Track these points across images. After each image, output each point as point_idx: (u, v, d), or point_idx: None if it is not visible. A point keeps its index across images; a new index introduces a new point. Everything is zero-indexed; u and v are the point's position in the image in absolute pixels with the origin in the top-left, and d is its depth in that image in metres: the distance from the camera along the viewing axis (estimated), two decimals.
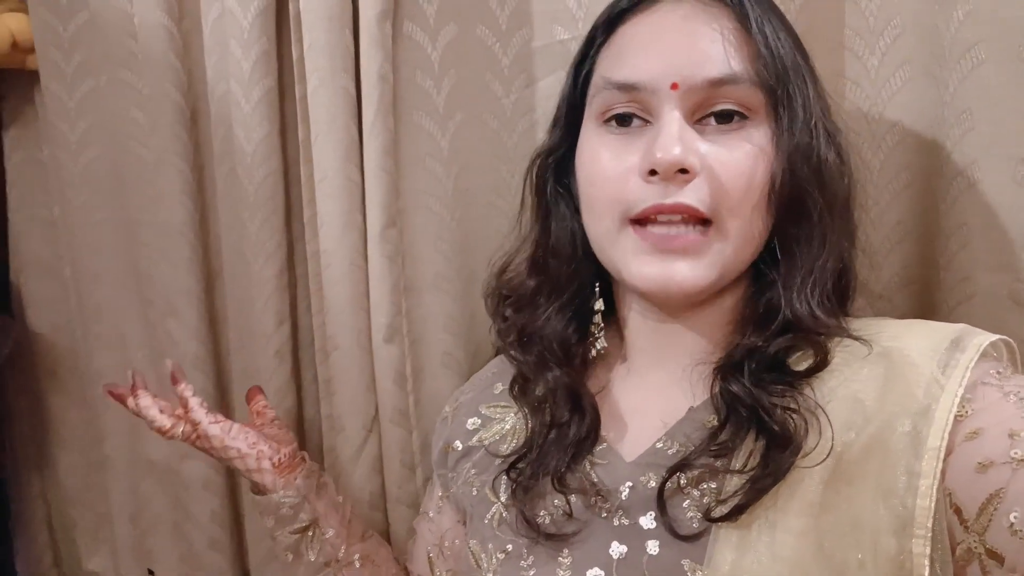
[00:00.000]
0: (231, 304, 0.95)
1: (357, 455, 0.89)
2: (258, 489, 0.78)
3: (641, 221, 0.59)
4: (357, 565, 0.78)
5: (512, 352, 0.70)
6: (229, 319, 0.96)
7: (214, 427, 0.77)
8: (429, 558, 0.77)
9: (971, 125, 0.67)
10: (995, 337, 0.55)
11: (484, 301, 0.75)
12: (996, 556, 0.48)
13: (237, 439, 0.77)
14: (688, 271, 0.57)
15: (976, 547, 0.49)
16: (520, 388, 0.69)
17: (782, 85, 0.57)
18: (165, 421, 0.78)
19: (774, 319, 0.58)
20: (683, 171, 0.56)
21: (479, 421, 0.72)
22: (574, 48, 0.69)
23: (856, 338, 0.57)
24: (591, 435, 0.64)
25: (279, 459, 0.77)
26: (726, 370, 0.58)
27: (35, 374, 1.10)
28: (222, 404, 1.00)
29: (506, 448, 0.68)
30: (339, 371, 0.87)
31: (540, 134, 0.83)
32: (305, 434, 0.96)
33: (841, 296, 0.63)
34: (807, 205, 0.57)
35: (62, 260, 1.05)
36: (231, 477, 1.02)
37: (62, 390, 1.10)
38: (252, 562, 1.00)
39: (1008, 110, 0.65)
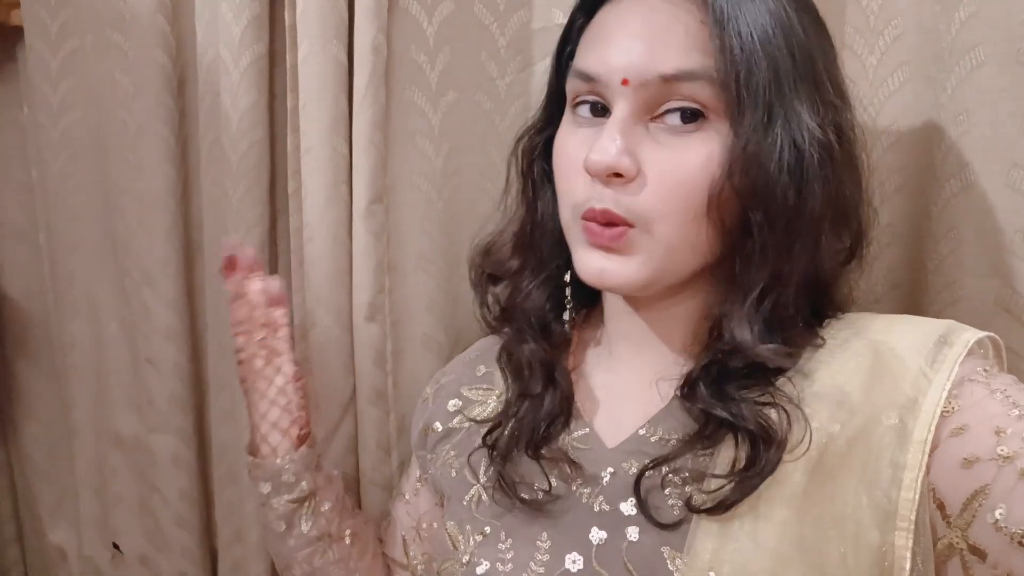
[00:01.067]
0: (210, 276, 0.93)
1: (332, 435, 0.88)
2: (257, 450, 0.75)
3: (585, 217, 0.58)
4: (347, 542, 0.76)
5: (495, 325, 0.71)
6: (207, 291, 0.94)
7: (288, 365, 0.75)
8: (404, 541, 0.76)
9: (967, 128, 0.67)
10: (982, 334, 0.55)
11: (469, 277, 0.74)
12: (978, 552, 0.48)
13: (286, 390, 0.75)
14: (619, 268, 0.57)
15: (958, 543, 0.49)
16: (507, 357, 0.69)
17: (743, 84, 0.53)
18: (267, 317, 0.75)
19: (726, 342, 0.57)
20: (617, 175, 0.55)
21: (460, 403, 0.72)
22: None
23: (801, 372, 0.56)
24: (564, 410, 0.64)
25: (300, 432, 0.75)
26: (687, 385, 0.59)
27: (3, 341, 1.08)
28: (196, 378, 0.98)
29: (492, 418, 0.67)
30: (317, 349, 0.86)
31: None
32: None
33: (823, 304, 0.61)
34: (750, 221, 0.54)
35: (37, 225, 1.03)
36: (201, 453, 1.00)
37: (30, 358, 1.08)
38: (220, 541, 0.98)
39: (1006, 113, 0.65)
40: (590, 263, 0.58)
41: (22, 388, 1.08)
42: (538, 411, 0.63)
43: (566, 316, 0.67)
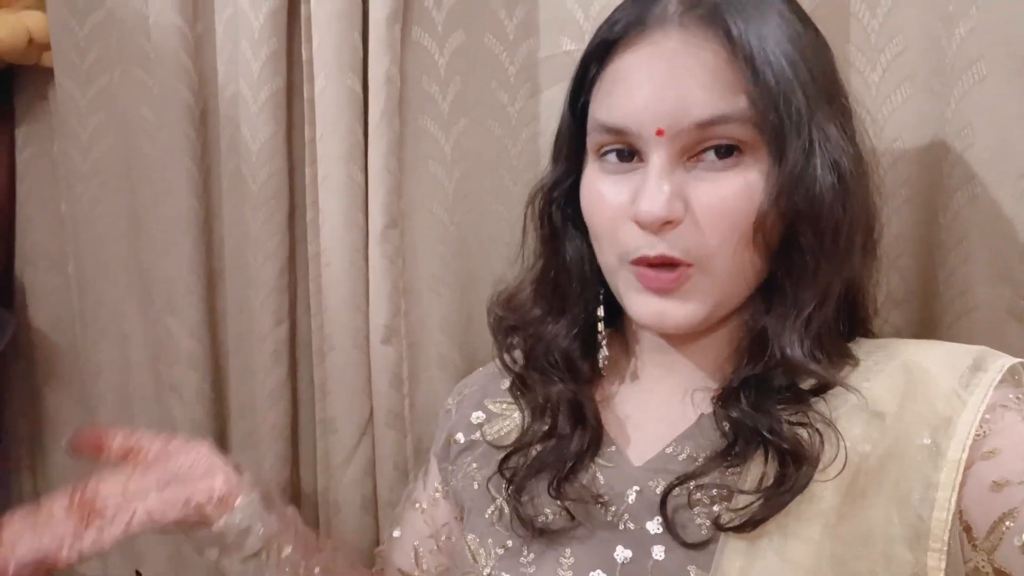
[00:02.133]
0: (231, 303, 0.96)
1: (350, 458, 0.89)
2: (188, 527, 0.61)
3: (636, 264, 0.59)
4: None
5: (514, 365, 0.69)
6: (228, 318, 0.96)
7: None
8: (416, 551, 0.75)
9: (972, 140, 0.68)
10: (1018, 361, 0.55)
11: (490, 327, 0.72)
12: (1003, 574, 0.48)
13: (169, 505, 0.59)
14: (678, 310, 0.57)
15: (984, 566, 0.48)
16: (520, 389, 0.68)
17: (773, 117, 0.54)
18: None
19: (768, 357, 0.57)
20: (668, 221, 0.55)
21: (484, 415, 0.71)
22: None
23: (848, 387, 0.55)
24: (592, 449, 0.63)
25: (215, 496, 0.61)
26: (725, 397, 0.58)
27: (32, 369, 1.11)
28: (218, 403, 1.00)
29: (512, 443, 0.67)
30: (335, 372, 0.87)
31: (543, 143, 0.84)
32: (299, 436, 0.96)
33: (855, 320, 0.63)
34: (798, 242, 0.55)
35: (66, 255, 1.06)
36: None
37: (59, 386, 1.10)
38: None
39: (1010, 125, 0.66)
40: (647, 308, 0.58)
41: (50, 416, 1.10)
42: (564, 451, 0.63)
43: (601, 357, 0.65)
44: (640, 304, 0.59)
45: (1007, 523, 0.47)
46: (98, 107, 0.99)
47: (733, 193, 0.55)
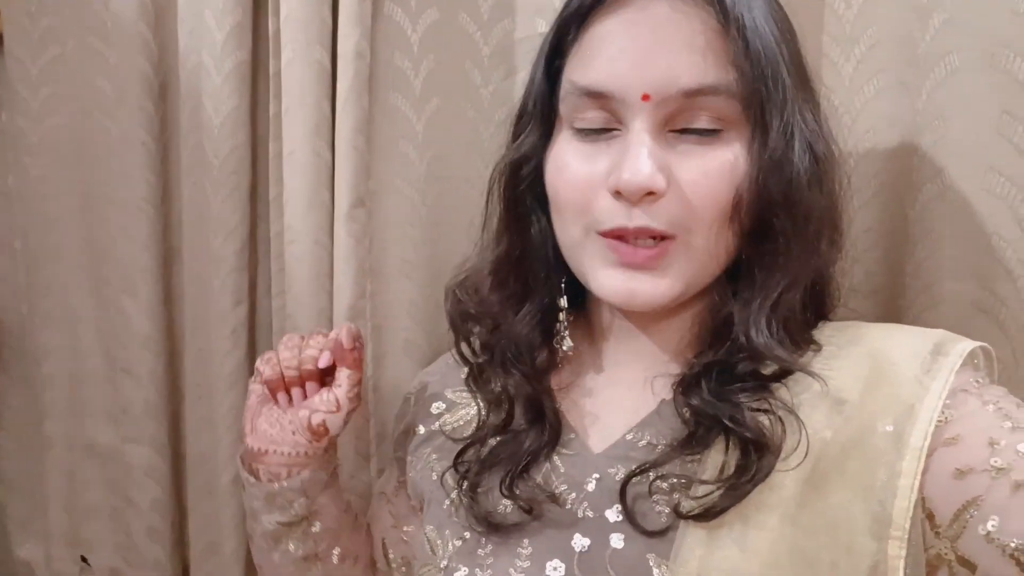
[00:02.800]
0: (189, 282, 0.93)
1: None
2: (255, 471, 0.71)
3: (606, 234, 0.57)
4: (335, 561, 0.73)
5: (472, 357, 0.68)
6: (185, 298, 0.93)
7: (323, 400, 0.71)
8: (384, 544, 0.74)
9: (943, 132, 0.68)
10: (977, 344, 0.55)
11: (448, 315, 0.70)
12: (968, 564, 0.47)
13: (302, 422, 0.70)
14: (651, 286, 0.56)
15: (947, 554, 0.48)
16: (475, 379, 0.67)
17: (760, 93, 0.54)
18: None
19: (733, 340, 0.57)
20: (650, 193, 0.54)
21: (444, 405, 0.70)
22: None
23: (811, 373, 0.55)
24: (549, 445, 0.62)
25: (300, 452, 0.70)
26: (686, 383, 0.58)
27: None
28: (173, 385, 0.96)
29: (468, 435, 0.66)
30: None
31: None
32: None
33: (819, 305, 0.62)
34: (772, 225, 0.55)
35: (12, 232, 1.01)
36: (176, 464, 0.98)
37: (4, 369, 1.05)
38: (193, 554, 0.96)
39: (981, 118, 0.66)
40: (615, 283, 0.57)
41: None
42: (519, 448, 0.61)
43: (565, 346, 0.64)
44: (609, 279, 0.57)
45: (971, 511, 0.47)
46: (50, 77, 0.95)
47: (717, 169, 0.54)
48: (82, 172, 0.95)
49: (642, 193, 0.54)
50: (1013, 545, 0.45)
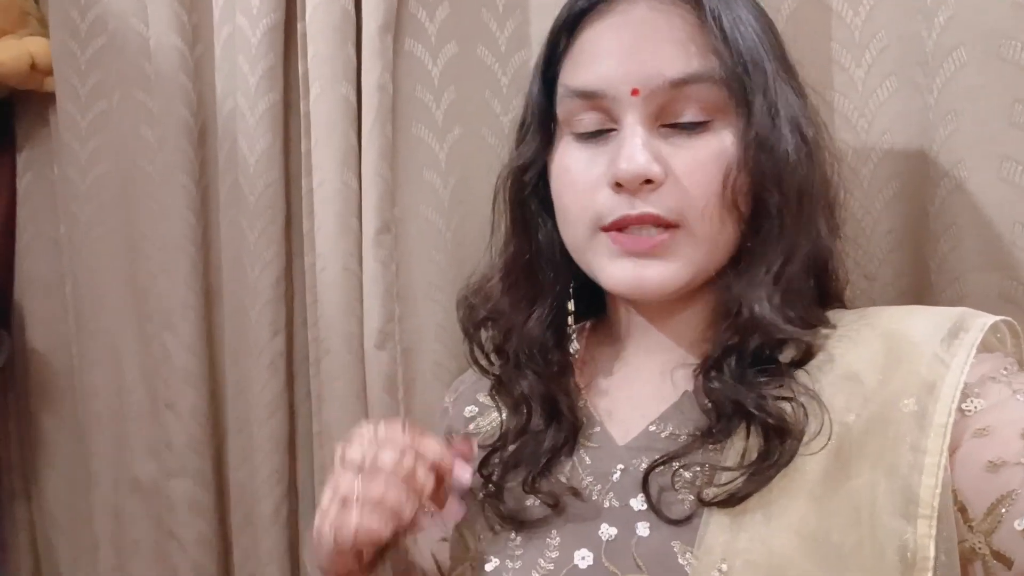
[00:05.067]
0: (227, 315, 0.96)
1: None
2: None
3: (611, 228, 0.59)
4: None
5: (488, 365, 0.69)
6: (225, 331, 0.96)
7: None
8: (435, 557, 0.73)
9: (956, 126, 0.68)
10: (998, 318, 0.54)
11: (460, 323, 0.71)
12: (1003, 559, 0.46)
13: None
14: (659, 273, 0.57)
15: (981, 548, 0.47)
16: (497, 389, 0.68)
17: (743, 79, 0.56)
18: None
19: (741, 320, 0.57)
20: (648, 181, 0.56)
21: (476, 409, 0.71)
22: None
23: (825, 348, 0.55)
24: (568, 442, 0.63)
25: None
26: (706, 370, 0.58)
27: (27, 394, 1.10)
28: (214, 419, 0.99)
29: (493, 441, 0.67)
30: (329, 378, 0.87)
31: None
32: (296, 448, 0.95)
33: (826, 289, 0.62)
34: (767, 203, 0.57)
35: (63, 278, 1.06)
36: (220, 499, 1.00)
37: (53, 410, 1.09)
38: None
39: (991, 108, 0.66)
40: (623, 273, 0.58)
41: (46, 442, 1.09)
42: (538, 448, 0.63)
43: (572, 348, 0.65)
44: (616, 269, 0.58)
45: (1005, 506, 0.46)
46: (97, 129, 1.01)
47: (709, 156, 0.56)
48: (126, 215, 1.00)
49: (640, 180, 0.56)
50: None
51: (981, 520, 0.47)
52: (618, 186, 0.57)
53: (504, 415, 0.66)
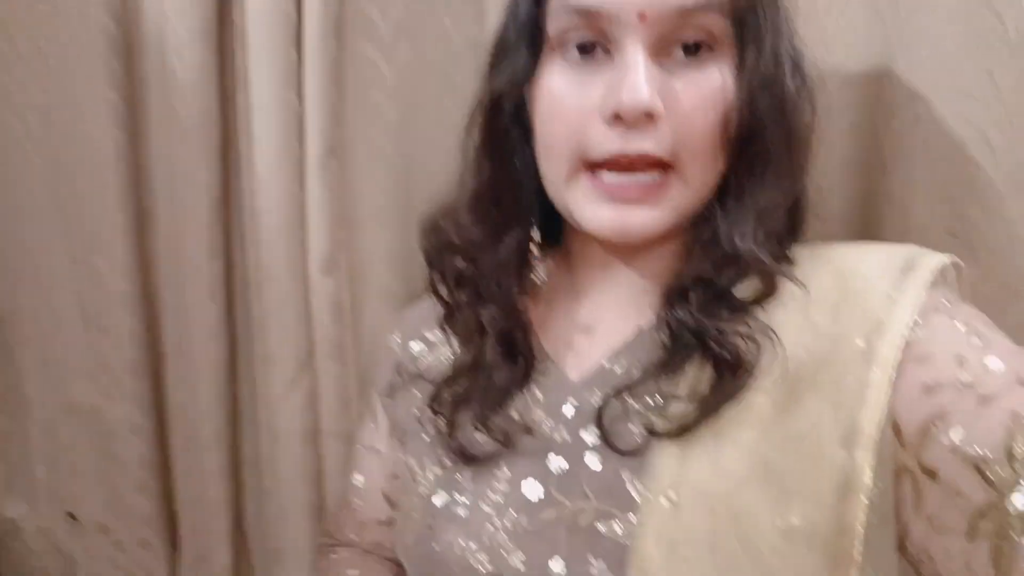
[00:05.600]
0: (162, 239, 0.92)
1: (290, 389, 0.87)
2: None
3: (598, 165, 0.56)
4: None
5: (447, 295, 0.67)
6: (160, 255, 0.93)
7: None
8: (387, 497, 0.74)
9: (917, 61, 0.68)
10: (947, 258, 0.55)
11: (423, 251, 0.69)
12: (930, 472, 0.48)
13: None
14: (644, 219, 0.56)
15: (911, 464, 0.49)
16: (449, 317, 0.67)
17: (753, 10, 0.54)
18: None
19: (719, 253, 0.57)
20: (649, 115, 0.53)
21: (423, 346, 0.70)
22: None
23: (794, 279, 0.55)
24: (522, 378, 0.62)
25: None
26: (673, 297, 0.58)
27: None
28: (152, 342, 0.96)
29: (443, 374, 0.66)
30: (273, 304, 0.85)
31: None
32: (238, 372, 0.94)
33: (793, 227, 0.62)
34: (765, 142, 0.55)
35: None
36: (160, 422, 0.98)
37: None
38: (179, 505, 0.97)
39: (953, 43, 0.65)
40: (605, 217, 0.56)
41: None
42: (491, 386, 0.62)
43: (538, 279, 0.64)
44: (601, 212, 0.56)
45: (936, 423, 0.48)
46: (4, 33, 0.93)
47: (710, 91, 0.54)
48: (48, 131, 0.93)
49: (641, 114, 0.53)
50: (977, 455, 0.46)
51: (913, 438, 0.49)
52: (616, 119, 0.54)
53: (458, 346, 0.65)
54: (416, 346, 0.71)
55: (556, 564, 0.55)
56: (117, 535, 0.98)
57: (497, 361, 0.62)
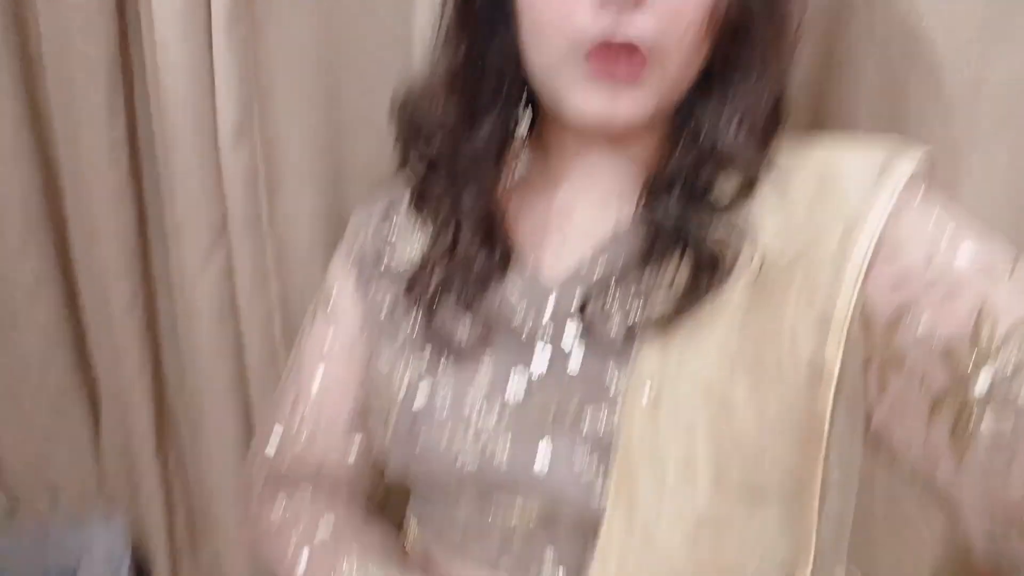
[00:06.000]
0: (55, 92, 0.83)
1: (204, 264, 0.83)
2: None
3: (587, 54, 0.53)
4: None
5: (420, 178, 0.64)
6: (52, 110, 0.85)
7: None
8: (352, 409, 0.68)
9: None
10: (924, 152, 0.54)
11: (398, 131, 0.65)
12: (897, 361, 0.50)
13: None
14: (631, 103, 0.54)
15: (879, 354, 0.51)
16: (418, 203, 0.64)
17: None
18: None
19: (701, 148, 0.56)
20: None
21: (393, 235, 0.67)
22: None
23: (772, 176, 0.55)
24: (501, 267, 0.61)
25: None
26: (653, 193, 0.57)
27: None
28: (53, 204, 0.91)
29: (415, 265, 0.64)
30: (180, 174, 0.79)
31: None
32: (150, 246, 0.89)
33: (775, 122, 0.60)
34: (752, 33, 0.54)
35: None
36: (68, 281, 0.95)
37: None
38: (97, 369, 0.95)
39: None
40: (596, 100, 0.54)
41: None
42: (469, 271, 0.60)
43: (519, 171, 0.62)
44: (589, 96, 0.54)
45: (904, 313, 0.50)
46: None
47: None
48: None
49: None
50: (943, 343, 0.48)
51: (883, 330, 0.51)
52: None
53: (432, 232, 0.63)
54: (386, 236, 0.67)
55: (540, 459, 0.56)
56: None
57: (474, 249, 0.61)
